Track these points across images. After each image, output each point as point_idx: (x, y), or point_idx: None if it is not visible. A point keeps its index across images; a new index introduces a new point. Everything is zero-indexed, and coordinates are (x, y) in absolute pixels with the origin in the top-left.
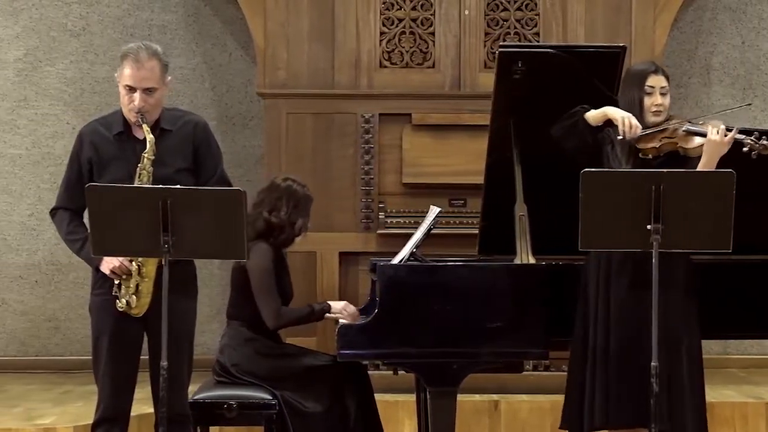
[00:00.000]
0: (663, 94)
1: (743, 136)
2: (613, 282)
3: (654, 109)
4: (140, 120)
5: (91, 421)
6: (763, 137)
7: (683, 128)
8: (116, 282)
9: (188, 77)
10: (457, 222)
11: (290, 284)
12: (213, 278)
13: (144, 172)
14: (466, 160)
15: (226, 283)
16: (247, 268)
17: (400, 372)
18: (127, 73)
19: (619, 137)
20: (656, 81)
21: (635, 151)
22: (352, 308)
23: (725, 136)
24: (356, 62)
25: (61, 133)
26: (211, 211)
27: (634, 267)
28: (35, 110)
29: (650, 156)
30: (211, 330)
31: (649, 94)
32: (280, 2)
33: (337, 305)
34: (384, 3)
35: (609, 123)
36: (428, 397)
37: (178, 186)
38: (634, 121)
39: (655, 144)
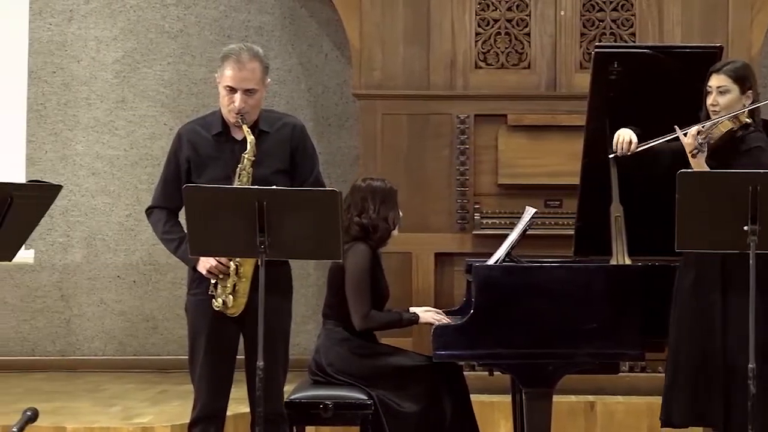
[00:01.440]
0: (721, 93)
1: (702, 138)
2: (684, 282)
3: (711, 108)
4: (240, 121)
5: (188, 421)
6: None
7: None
8: (213, 282)
9: (284, 78)
10: (553, 223)
11: (386, 285)
12: (309, 278)
13: (244, 172)
14: (561, 161)
15: (322, 284)
16: (345, 268)
17: (496, 373)
18: (228, 74)
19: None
20: (715, 81)
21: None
22: (439, 316)
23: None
24: (451, 63)
25: (159, 135)
26: (307, 211)
27: (699, 267)
28: (133, 111)
29: None
30: (306, 330)
31: (708, 93)
32: (376, 3)
33: (425, 316)
34: (479, 4)
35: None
36: (524, 398)
37: (275, 187)
38: (628, 138)
39: None
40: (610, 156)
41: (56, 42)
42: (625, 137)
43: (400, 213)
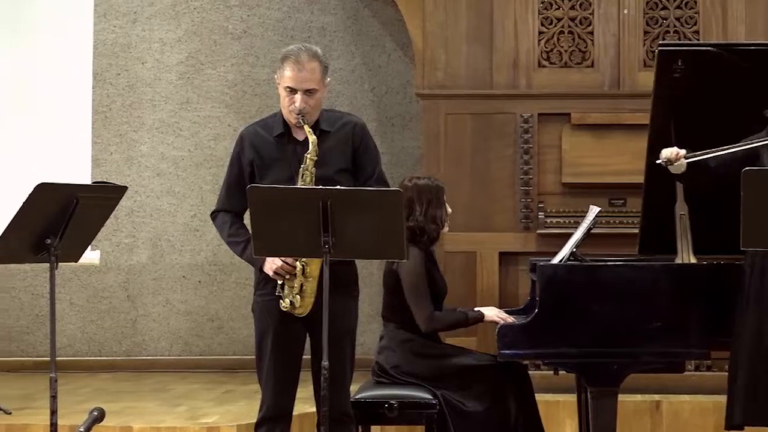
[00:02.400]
0: None
1: None
2: (763, 280)
3: None
4: (301, 121)
5: (253, 420)
6: None
7: None
8: (279, 282)
9: (348, 79)
10: (617, 221)
11: (444, 281)
12: (372, 278)
13: (307, 172)
14: (625, 160)
15: None
16: (399, 273)
17: (561, 372)
18: (287, 75)
19: (658, 161)
20: None
21: None
22: (504, 314)
23: None
24: (515, 62)
25: (223, 135)
26: (371, 211)
27: None
28: (197, 113)
29: None
30: (371, 330)
31: None
32: (439, 3)
33: (490, 314)
34: (542, 3)
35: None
36: (589, 397)
37: (338, 187)
38: (676, 151)
39: None
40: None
41: (121, 44)
42: (674, 150)
43: (449, 209)
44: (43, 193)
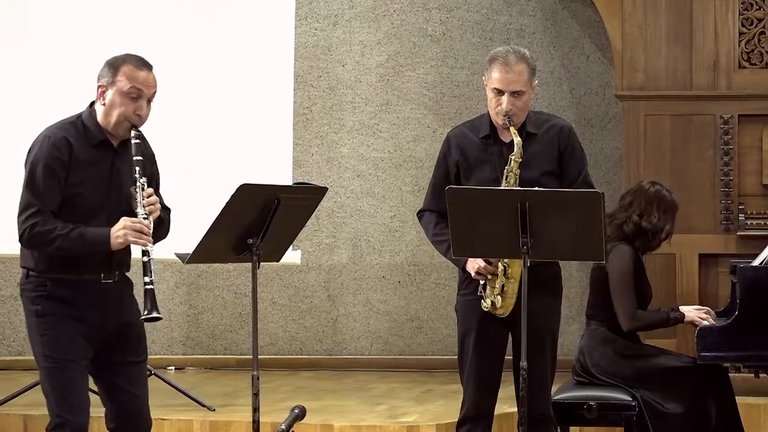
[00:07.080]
0: None
1: None
2: None
3: None
4: (507, 123)
5: (453, 420)
6: None
7: None
8: (482, 282)
9: (546, 80)
10: None
11: (649, 286)
12: (572, 279)
13: (511, 174)
14: None
15: (585, 285)
16: (608, 269)
17: (762, 375)
18: (495, 77)
19: None
20: None
21: None
22: (706, 315)
23: None
24: (715, 63)
25: (422, 137)
26: (570, 212)
27: None
28: (397, 114)
29: None
30: (570, 331)
31: None
32: (638, 4)
33: (691, 314)
34: (743, 3)
35: None
36: None
37: (536, 188)
38: None
39: None
40: None
41: (321, 47)
42: None
43: (674, 229)
44: (246, 193)
